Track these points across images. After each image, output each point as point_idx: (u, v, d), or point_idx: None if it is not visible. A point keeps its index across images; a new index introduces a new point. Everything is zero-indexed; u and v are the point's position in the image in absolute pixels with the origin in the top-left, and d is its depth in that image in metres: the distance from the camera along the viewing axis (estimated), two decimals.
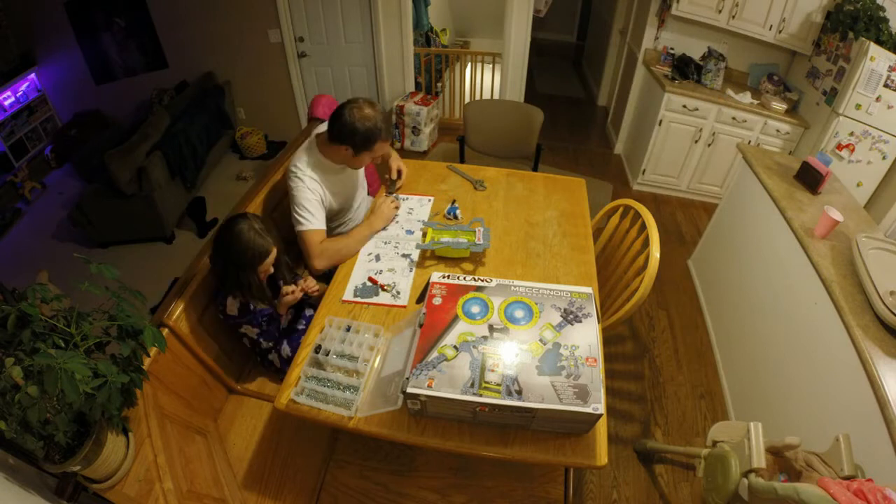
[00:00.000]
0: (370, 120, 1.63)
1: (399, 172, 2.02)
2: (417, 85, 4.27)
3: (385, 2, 3.70)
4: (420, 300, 1.46)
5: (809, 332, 1.76)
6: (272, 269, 1.55)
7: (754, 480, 1.21)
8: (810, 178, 2.14)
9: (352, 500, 1.52)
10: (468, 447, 1.18)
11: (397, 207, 1.89)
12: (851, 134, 2.81)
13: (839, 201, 2.09)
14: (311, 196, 1.70)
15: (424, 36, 4.80)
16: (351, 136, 1.64)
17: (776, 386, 1.90)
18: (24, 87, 4.08)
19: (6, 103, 3.92)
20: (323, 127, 1.79)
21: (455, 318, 1.22)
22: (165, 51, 4.20)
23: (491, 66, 4.30)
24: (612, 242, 1.91)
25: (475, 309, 1.24)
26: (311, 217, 1.69)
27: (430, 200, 1.99)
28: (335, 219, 1.98)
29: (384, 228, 1.83)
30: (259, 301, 1.54)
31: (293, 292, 1.56)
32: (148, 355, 1.27)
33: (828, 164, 2.08)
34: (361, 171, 2.06)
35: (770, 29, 3.17)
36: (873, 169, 2.88)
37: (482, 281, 1.31)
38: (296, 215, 1.69)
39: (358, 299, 1.56)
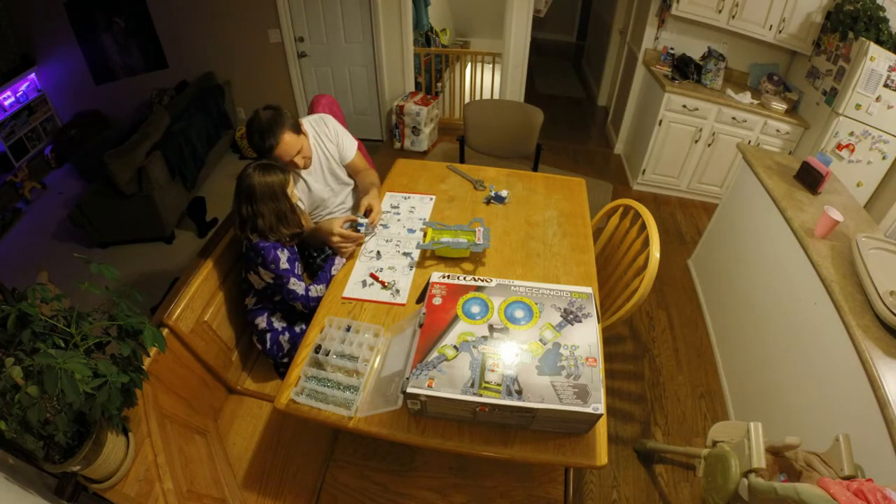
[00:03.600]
0: (250, 136, 1.69)
1: (367, 212, 1.82)
2: (417, 85, 4.27)
3: (385, 2, 3.71)
4: (420, 300, 1.46)
5: (809, 332, 1.76)
6: (297, 195, 1.67)
7: (754, 480, 1.21)
8: (810, 178, 2.14)
9: (352, 500, 1.52)
10: (468, 447, 1.18)
11: (350, 242, 1.74)
12: (851, 134, 2.81)
13: (839, 201, 2.09)
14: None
15: (424, 36, 4.80)
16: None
17: (776, 386, 1.90)
18: (24, 87, 4.08)
19: (6, 103, 3.92)
20: None
21: (455, 318, 1.22)
22: (165, 51, 4.20)
23: (491, 66, 4.30)
24: (612, 242, 1.91)
25: (475, 309, 1.24)
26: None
27: (431, 199, 2.00)
28: (310, 213, 1.98)
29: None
30: (294, 227, 1.64)
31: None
32: (148, 355, 1.28)
33: (828, 164, 2.08)
34: (332, 171, 1.95)
35: (770, 29, 3.17)
36: (873, 169, 2.88)
37: (482, 281, 1.31)
38: None
39: (357, 296, 1.57)
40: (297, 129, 1.71)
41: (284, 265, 1.59)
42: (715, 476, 1.36)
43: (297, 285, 1.61)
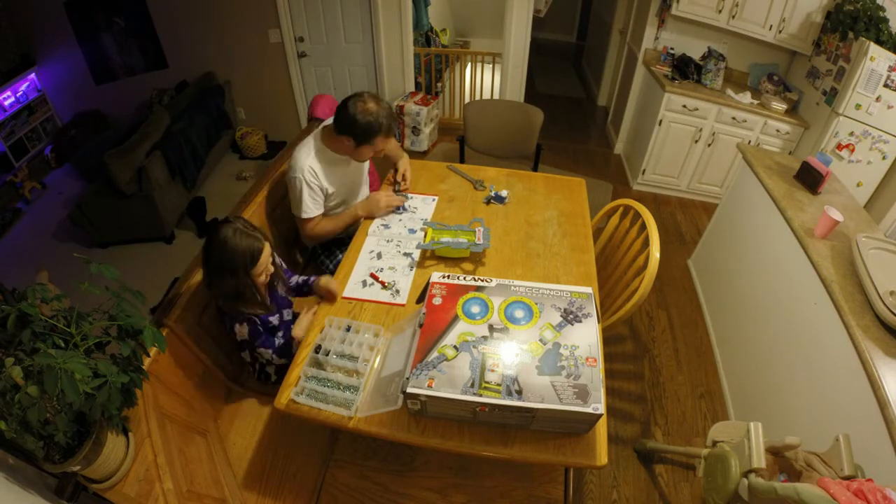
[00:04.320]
0: (371, 114, 1.66)
1: (404, 176, 2.04)
2: (417, 85, 4.27)
3: (385, 2, 3.70)
4: (420, 300, 1.46)
5: (809, 333, 1.76)
6: (272, 269, 1.47)
7: (754, 480, 1.21)
8: (810, 178, 2.14)
9: (352, 500, 1.52)
10: (468, 447, 1.18)
11: (395, 206, 1.91)
12: (851, 134, 2.81)
13: (839, 201, 2.09)
14: (309, 190, 1.79)
15: (424, 36, 4.80)
16: (352, 128, 1.69)
17: (776, 386, 1.90)
18: (24, 87, 4.08)
19: (6, 103, 3.92)
20: (331, 119, 1.82)
21: (455, 318, 1.22)
22: (165, 51, 4.20)
23: (491, 66, 4.30)
24: (612, 242, 1.91)
25: (475, 309, 1.24)
26: (309, 207, 1.82)
27: (433, 200, 2.00)
28: (334, 209, 1.96)
29: (370, 218, 1.89)
30: (255, 308, 1.46)
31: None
32: (148, 355, 1.27)
33: (828, 164, 2.08)
34: (365, 169, 2.06)
35: (770, 29, 3.17)
36: (873, 169, 2.88)
37: (482, 281, 1.31)
38: (296, 206, 1.83)
39: (357, 296, 1.57)
40: None
41: (243, 336, 1.47)
42: (715, 476, 1.36)
43: (263, 352, 1.51)
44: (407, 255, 1.72)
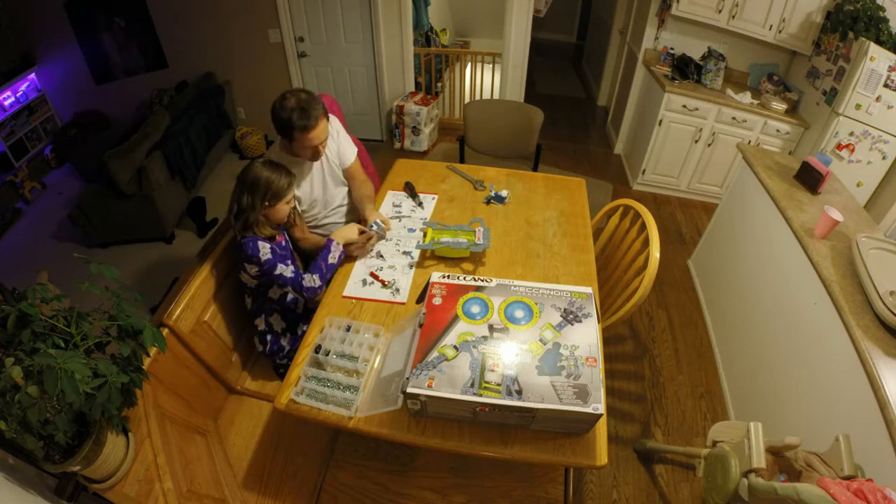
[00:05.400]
0: (285, 111, 1.64)
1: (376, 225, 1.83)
2: (417, 85, 4.27)
3: (385, 2, 3.70)
4: (420, 300, 1.46)
5: (809, 332, 1.76)
6: (293, 205, 1.66)
7: (754, 480, 1.21)
8: (810, 178, 2.14)
9: (352, 500, 1.52)
10: (468, 447, 1.18)
11: (369, 240, 1.75)
12: (851, 134, 2.81)
13: (839, 201, 2.09)
14: None
15: (424, 36, 4.80)
16: (275, 126, 1.70)
17: (776, 386, 1.90)
18: (24, 87, 4.08)
19: (6, 103, 3.92)
20: None
21: (455, 318, 1.22)
22: (165, 51, 4.20)
23: (491, 66, 4.30)
24: (612, 242, 1.91)
25: (475, 309, 1.24)
26: None
27: (433, 199, 1.99)
28: (309, 211, 1.92)
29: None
30: (273, 232, 1.63)
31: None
32: (148, 355, 1.27)
33: (828, 164, 2.08)
34: (328, 165, 1.90)
35: (770, 29, 3.17)
36: (873, 169, 2.88)
37: (482, 281, 1.31)
38: None
39: (357, 295, 1.57)
40: (327, 117, 1.72)
41: (266, 255, 1.55)
42: (715, 476, 1.36)
43: (285, 269, 1.58)
44: (406, 253, 1.72)
